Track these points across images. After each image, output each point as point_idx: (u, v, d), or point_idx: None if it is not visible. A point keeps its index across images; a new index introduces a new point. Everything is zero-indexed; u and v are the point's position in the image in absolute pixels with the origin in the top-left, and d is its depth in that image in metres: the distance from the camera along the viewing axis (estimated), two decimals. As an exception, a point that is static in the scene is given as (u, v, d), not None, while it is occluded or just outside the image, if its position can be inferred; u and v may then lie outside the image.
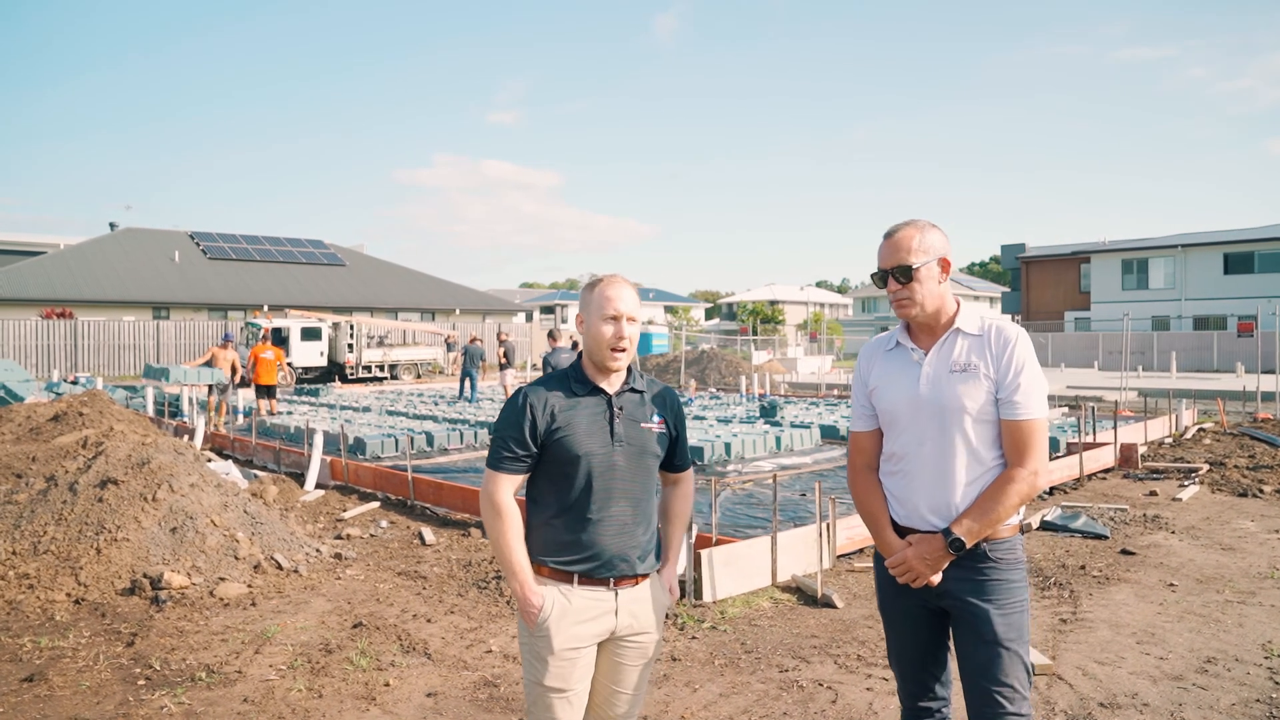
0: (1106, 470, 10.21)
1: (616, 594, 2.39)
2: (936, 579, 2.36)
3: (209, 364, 15.93)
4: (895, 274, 2.40)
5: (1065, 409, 16.69)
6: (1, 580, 5.76)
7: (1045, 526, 7.32)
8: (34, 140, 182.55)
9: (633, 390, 2.47)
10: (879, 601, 2.60)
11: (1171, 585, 5.70)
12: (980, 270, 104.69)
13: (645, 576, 2.45)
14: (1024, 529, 7.22)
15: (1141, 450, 11.24)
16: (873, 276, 2.49)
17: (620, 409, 2.41)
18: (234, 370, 16.13)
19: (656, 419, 2.46)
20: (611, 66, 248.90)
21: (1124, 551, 6.55)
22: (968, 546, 2.31)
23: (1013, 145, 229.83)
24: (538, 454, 2.38)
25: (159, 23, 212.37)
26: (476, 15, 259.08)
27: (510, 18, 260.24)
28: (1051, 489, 9.05)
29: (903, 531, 2.45)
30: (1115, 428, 10.77)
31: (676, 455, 2.56)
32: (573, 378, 2.44)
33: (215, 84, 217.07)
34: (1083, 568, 6.11)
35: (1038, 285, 45.55)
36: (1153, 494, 8.79)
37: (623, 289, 2.41)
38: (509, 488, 2.38)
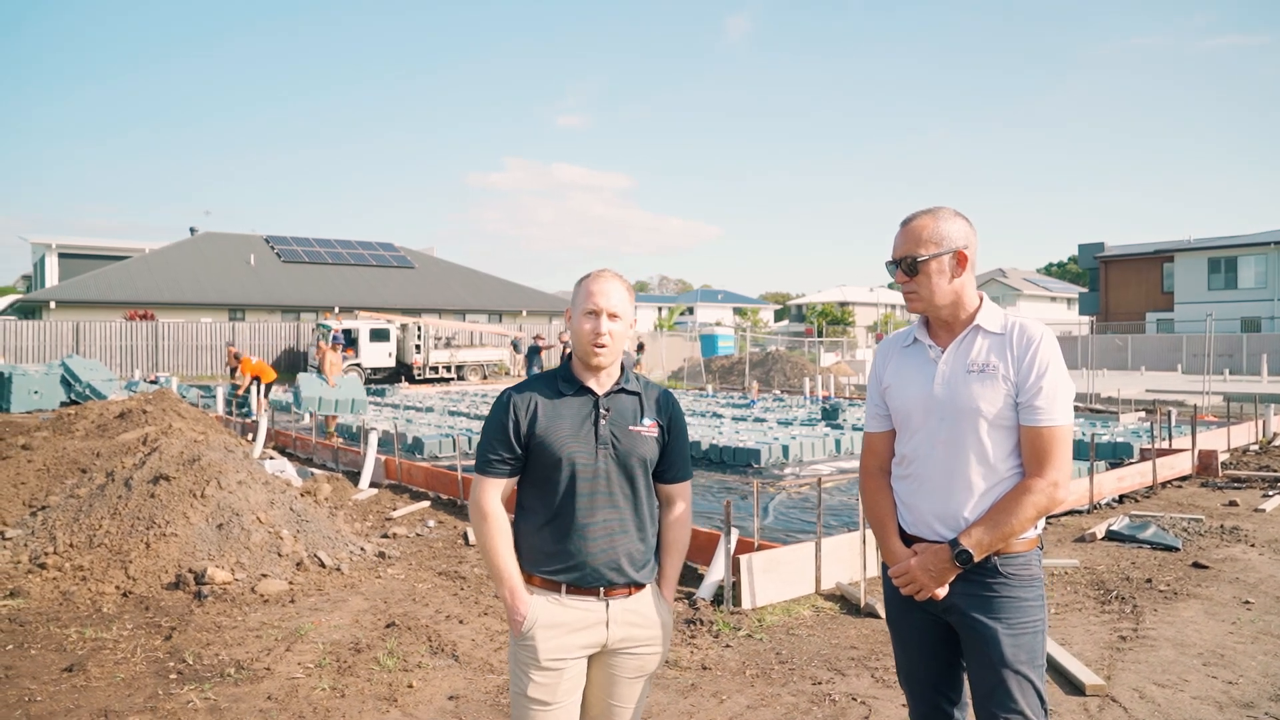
0: (1183, 478, 9.69)
1: (608, 604, 2.27)
2: (942, 592, 2.19)
3: (320, 370, 15.55)
4: (902, 266, 2.24)
5: (1142, 413, 15.99)
6: (58, 571, 5.93)
7: (1111, 536, 6.96)
8: (122, 144, 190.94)
9: (625, 391, 2.35)
10: (887, 614, 2.43)
11: (1247, 603, 5.33)
12: (1058, 271, 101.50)
13: (640, 587, 2.33)
14: (1086, 538, 6.87)
15: (1223, 457, 10.67)
16: (886, 266, 2.32)
17: (608, 410, 2.30)
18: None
19: (648, 421, 2.34)
20: (681, 69, 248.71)
21: (1196, 565, 6.16)
22: (976, 560, 2.13)
23: (1091, 141, 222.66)
24: (523, 457, 2.29)
25: (233, 29, 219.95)
26: (545, 19, 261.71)
27: (579, 21, 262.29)
28: (1121, 497, 8.62)
29: (910, 539, 2.28)
30: (1194, 433, 10.22)
31: (668, 464, 2.39)
32: (560, 377, 2.34)
33: (291, 89, 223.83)
34: (1149, 581, 5.77)
35: (1117, 286, 43.90)
36: (1232, 504, 8.31)
37: (607, 284, 2.30)
38: (495, 492, 2.30)
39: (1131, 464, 9.68)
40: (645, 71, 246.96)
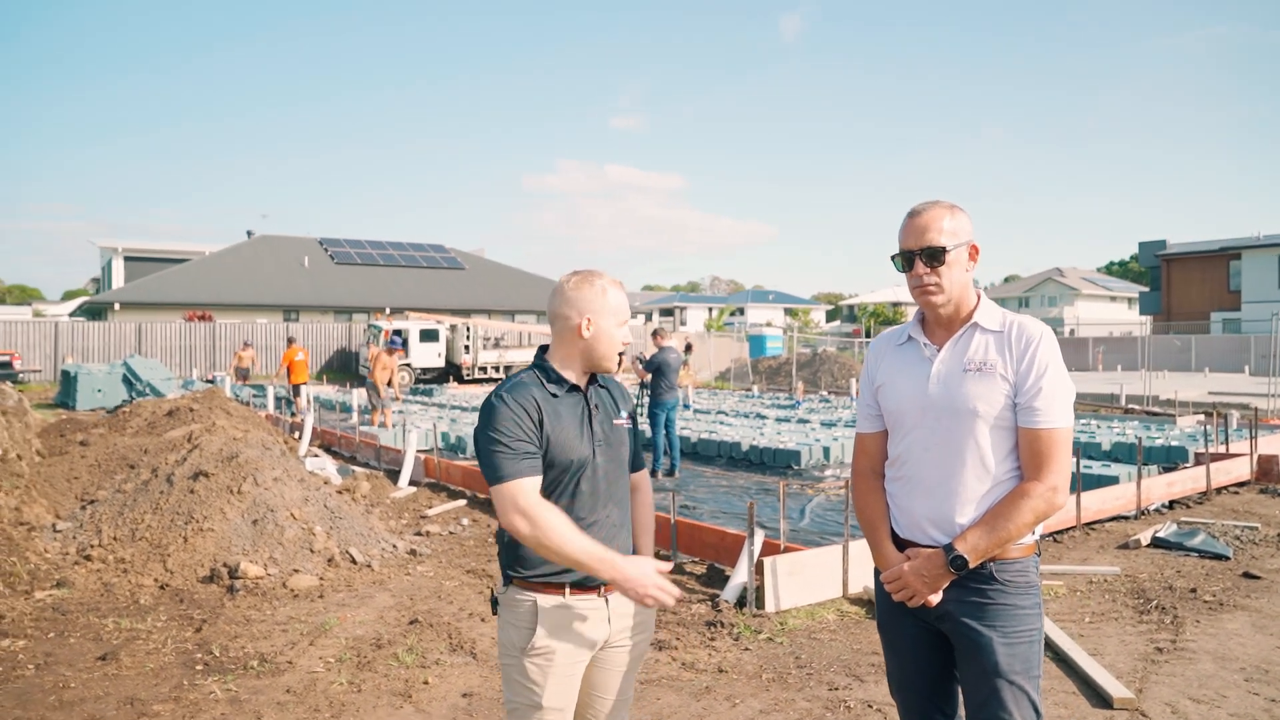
0: (1240, 484, 9.33)
1: (607, 600, 2.25)
2: (935, 599, 2.13)
3: (370, 376, 15.44)
4: (923, 256, 2.15)
5: (1201, 416, 15.47)
6: (102, 563, 6.10)
7: (1157, 543, 6.72)
8: (185, 148, 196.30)
9: (599, 385, 2.35)
10: (878, 621, 2.36)
11: (1299, 614, 5.11)
12: (1118, 270, 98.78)
13: None
14: (1130, 545, 6.65)
15: (1285, 463, 10.24)
16: (893, 259, 2.23)
17: (596, 406, 2.29)
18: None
19: (624, 414, 2.35)
20: (734, 69, 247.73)
21: (1247, 575, 5.92)
22: (971, 566, 2.06)
23: (1155, 136, 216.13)
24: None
25: (287, 34, 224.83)
26: (597, 20, 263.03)
27: (631, 21, 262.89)
28: (1171, 502, 8.34)
29: (903, 544, 2.22)
30: (1254, 437, 9.83)
31: (634, 455, 2.43)
32: (548, 376, 2.27)
33: (346, 93, 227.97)
34: (1193, 591, 5.56)
35: (1180, 284, 42.59)
36: (1291, 511, 7.98)
37: (624, 294, 2.33)
38: (534, 488, 2.14)
39: (1184, 469, 9.36)
40: (698, 72, 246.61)
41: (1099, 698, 3.89)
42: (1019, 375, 2.08)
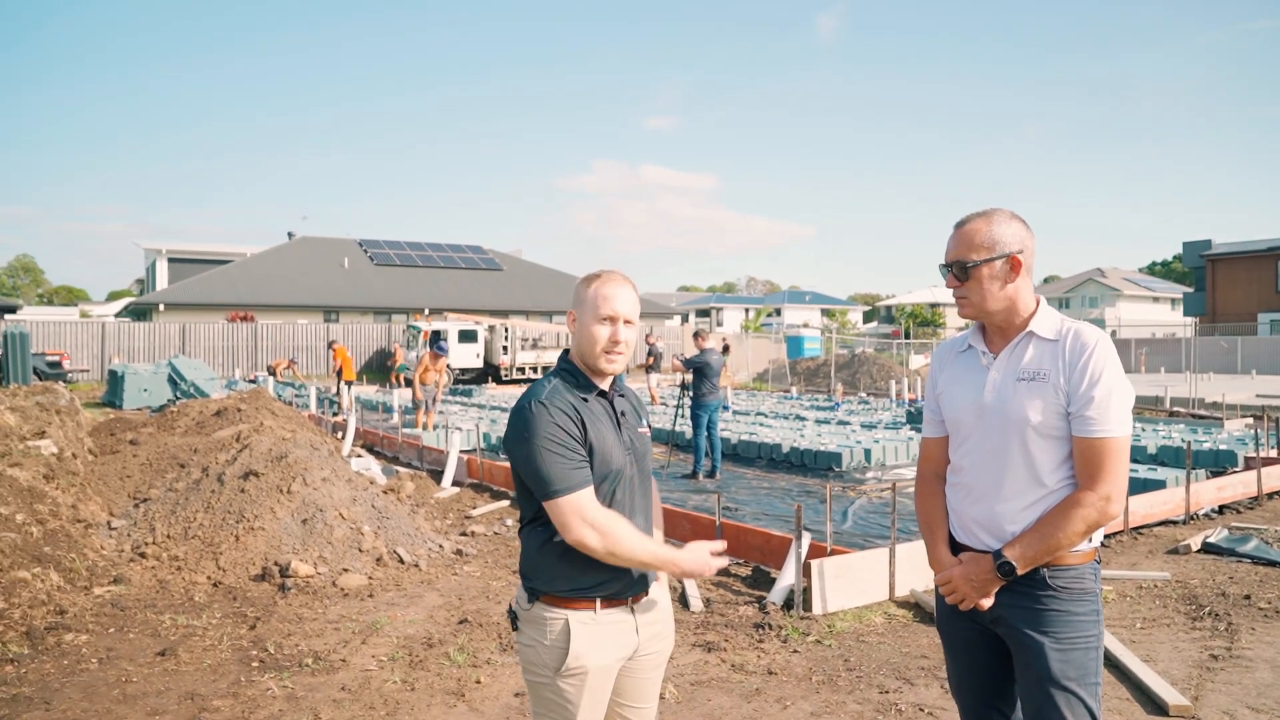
0: (1293, 489, 9.14)
1: (634, 611, 2.23)
2: (986, 603, 2.14)
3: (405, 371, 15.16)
4: (952, 269, 2.18)
5: (1249, 419, 15.15)
6: (156, 561, 6.25)
7: (1207, 549, 6.61)
8: (226, 148, 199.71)
9: (620, 393, 2.30)
10: (938, 623, 2.38)
11: (1358, 623, 5.00)
12: (1161, 270, 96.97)
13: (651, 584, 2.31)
14: (1180, 550, 6.55)
15: (1339, 468, 10.00)
16: (940, 269, 2.27)
17: (623, 413, 2.27)
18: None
19: (646, 423, 2.34)
20: (770, 68, 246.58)
21: (1303, 581, 5.81)
22: (1018, 573, 2.07)
23: (1199, 134, 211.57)
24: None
25: (323, 37, 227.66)
26: (633, 21, 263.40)
27: (667, 22, 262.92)
28: (1221, 507, 8.19)
29: (959, 548, 2.23)
30: (1306, 442, 9.63)
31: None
32: (576, 380, 2.21)
33: (383, 95, 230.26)
34: (1247, 598, 5.46)
35: (1225, 285, 41.67)
36: (1348, 517, 7.80)
37: (621, 288, 2.21)
38: (594, 498, 2.09)
39: (1234, 473, 9.18)
40: (733, 72, 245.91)
41: (1154, 705, 3.84)
42: (1072, 384, 2.07)
